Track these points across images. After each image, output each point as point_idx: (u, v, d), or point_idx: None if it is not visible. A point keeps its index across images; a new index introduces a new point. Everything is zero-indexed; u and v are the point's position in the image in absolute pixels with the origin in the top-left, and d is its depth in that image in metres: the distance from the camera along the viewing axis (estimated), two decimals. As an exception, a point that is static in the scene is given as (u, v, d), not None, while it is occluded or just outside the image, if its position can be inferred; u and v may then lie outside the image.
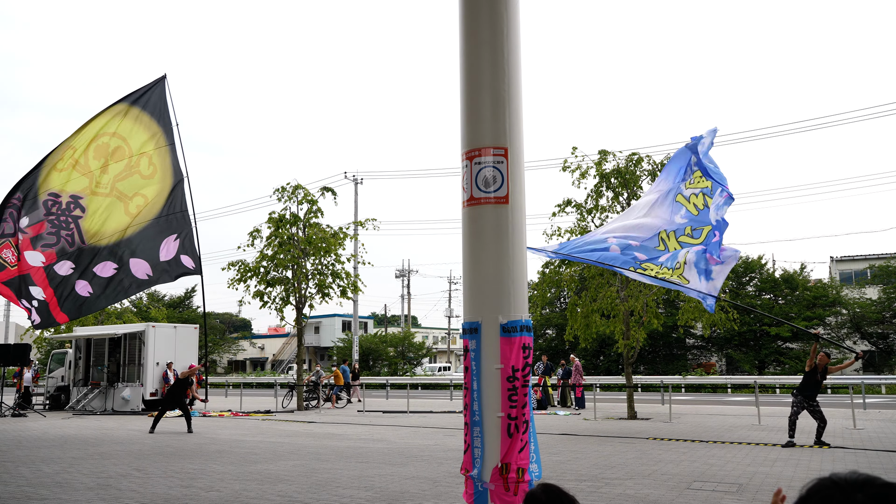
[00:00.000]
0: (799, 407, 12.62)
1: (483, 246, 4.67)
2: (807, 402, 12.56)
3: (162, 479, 9.24)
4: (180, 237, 10.68)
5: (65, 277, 10.43)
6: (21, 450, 12.67)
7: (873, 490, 1.39)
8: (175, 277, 11.07)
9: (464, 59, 4.87)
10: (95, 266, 10.55)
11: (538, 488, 2.31)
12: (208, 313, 62.03)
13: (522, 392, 4.48)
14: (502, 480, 4.41)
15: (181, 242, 10.66)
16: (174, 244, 10.70)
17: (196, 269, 10.69)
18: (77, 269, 10.51)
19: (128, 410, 23.48)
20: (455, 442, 13.44)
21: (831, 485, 1.43)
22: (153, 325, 25.09)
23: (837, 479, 1.43)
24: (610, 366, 42.31)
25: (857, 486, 1.40)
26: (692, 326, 30.71)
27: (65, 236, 10.66)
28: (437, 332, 76.05)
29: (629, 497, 7.76)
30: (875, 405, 23.46)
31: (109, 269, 10.46)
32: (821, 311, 38.27)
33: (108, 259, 10.55)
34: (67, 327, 29.01)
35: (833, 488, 1.42)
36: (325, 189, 24.95)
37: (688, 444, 12.85)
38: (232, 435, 15.52)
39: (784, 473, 9.35)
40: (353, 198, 43.39)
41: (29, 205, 10.66)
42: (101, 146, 10.60)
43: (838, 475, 1.45)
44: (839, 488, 1.41)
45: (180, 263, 10.68)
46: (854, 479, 1.42)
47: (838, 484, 1.42)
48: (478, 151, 4.70)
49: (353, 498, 7.88)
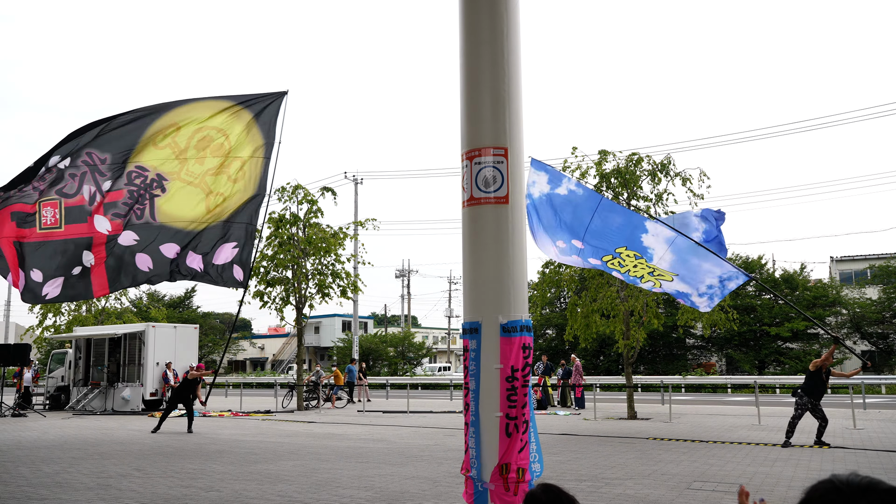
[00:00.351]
0: (803, 410, 12.53)
1: (483, 246, 4.67)
2: (812, 403, 12.52)
3: (162, 479, 9.24)
4: (239, 247, 10.53)
5: (126, 248, 10.16)
6: (21, 450, 12.66)
7: (876, 496, 1.35)
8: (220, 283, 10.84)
9: (464, 59, 4.87)
10: (162, 245, 10.35)
11: (538, 488, 2.32)
12: (208, 313, 62.07)
13: (522, 392, 4.48)
14: (502, 480, 4.41)
15: (238, 252, 10.53)
16: (231, 252, 10.56)
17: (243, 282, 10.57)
18: (141, 242, 10.28)
19: (128, 410, 23.48)
20: (455, 442, 13.44)
21: (833, 489, 1.39)
22: (153, 325, 25.09)
23: (839, 483, 1.39)
24: (610, 366, 42.30)
25: (860, 492, 1.35)
26: (692, 326, 30.70)
27: (136, 209, 10.44)
28: (437, 332, 76.04)
29: (629, 497, 7.76)
30: (875, 405, 23.46)
31: (171, 252, 10.27)
32: (821, 311, 38.26)
33: (174, 242, 10.35)
34: (67, 327, 29.04)
35: (835, 493, 1.38)
36: (325, 189, 24.95)
37: (688, 444, 12.85)
38: (232, 435, 15.52)
39: (784, 473, 9.34)
40: (353, 198, 43.41)
41: (115, 170, 10.32)
42: (204, 138, 10.43)
43: (839, 478, 1.41)
44: (841, 493, 1.37)
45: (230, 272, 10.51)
46: (857, 484, 1.38)
47: (840, 489, 1.38)
48: (478, 151, 4.70)
49: (353, 498, 7.88)
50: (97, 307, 30.17)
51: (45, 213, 10.37)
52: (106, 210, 10.21)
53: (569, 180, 8.62)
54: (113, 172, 10.21)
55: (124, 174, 10.20)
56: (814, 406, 12.48)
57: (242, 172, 10.48)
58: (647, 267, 8.75)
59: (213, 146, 10.36)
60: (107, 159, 10.14)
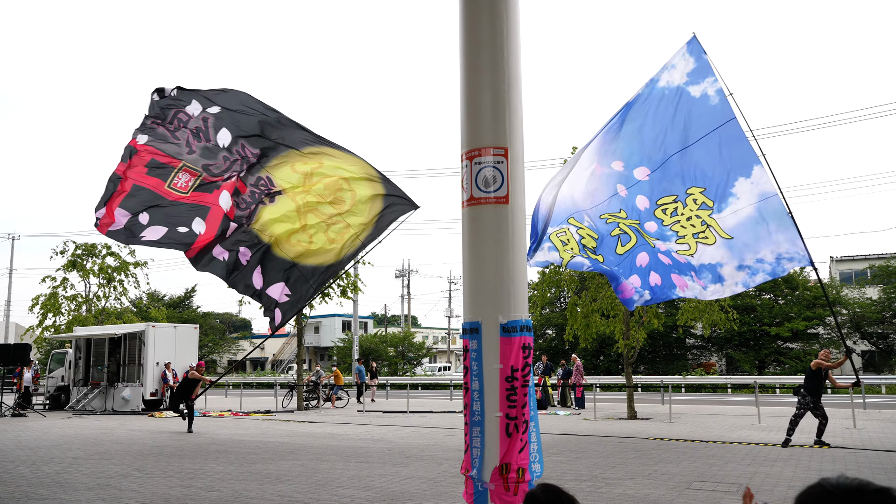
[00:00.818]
0: (806, 408, 12.58)
1: (483, 246, 4.67)
2: (813, 401, 12.54)
3: (162, 479, 9.24)
4: (291, 298, 10.66)
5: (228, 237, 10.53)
6: (21, 450, 12.66)
7: (866, 497, 1.36)
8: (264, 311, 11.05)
9: (464, 59, 4.88)
10: (240, 247, 10.55)
11: (538, 488, 2.32)
12: (208, 313, 62.10)
13: (522, 392, 4.48)
14: (502, 480, 4.42)
15: (289, 301, 10.62)
16: (281, 294, 10.69)
17: (277, 325, 10.68)
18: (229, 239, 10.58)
19: (128, 410, 23.48)
20: (455, 442, 13.44)
21: (825, 493, 1.39)
22: (153, 325, 25.10)
23: (829, 486, 1.40)
24: (610, 366, 42.32)
25: (851, 493, 1.37)
26: (692, 326, 30.74)
27: (244, 209, 10.71)
28: (437, 332, 76.04)
29: (629, 497, 7.77)
30: (875, 405, 23.46)
31: (244, 258, 10.44)
32: (821, 311, 38.26)
33: (249, 248, 10.49)
34: (67, 327, 29.06)
35: (828, 497, 1.38)
36: (325, 189, 24.96)
37: (688, 444, 12.85)
38: (232, 435, 15.52)
39: (784, 473, 9.35)
40: (353, 198, 43.37)
41: (254, 169, 10.56)
42: (338, 189, 10.63)
43: (828, 481, 1.41)
44: (834, 497, 1.38)
45: (273, 311, 10.60)
46: (847, 486, 1.38)
47: (832, 492, 1.38)
48: (478, 151, 4.71)
49: (353, 498, 7.89)
50: (97, 307, 30.20)
51: (180, 177, 10.64)
52: (235, 195, 10.53)
53: (714, 82, 6.96)
54: (250, 169, 10.50)
55: (255, 175, 10.45)
56: (815, 404, 12.52)
57: (338, 238, 10.74)
58: (705, 223, 7.24)
59: (336, 197, 10.62)
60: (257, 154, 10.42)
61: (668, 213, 7.33)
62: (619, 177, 7.26)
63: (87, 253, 30.13)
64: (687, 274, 7.47)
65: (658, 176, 7.18)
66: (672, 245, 7.47)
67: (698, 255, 7.41)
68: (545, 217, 7.34)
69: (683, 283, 7.50)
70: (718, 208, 7.17)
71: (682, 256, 7.45)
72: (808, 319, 38.13)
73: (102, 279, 30.18)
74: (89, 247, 30.27)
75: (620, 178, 7.27)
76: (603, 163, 7.30)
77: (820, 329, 39.95)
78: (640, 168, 7.16)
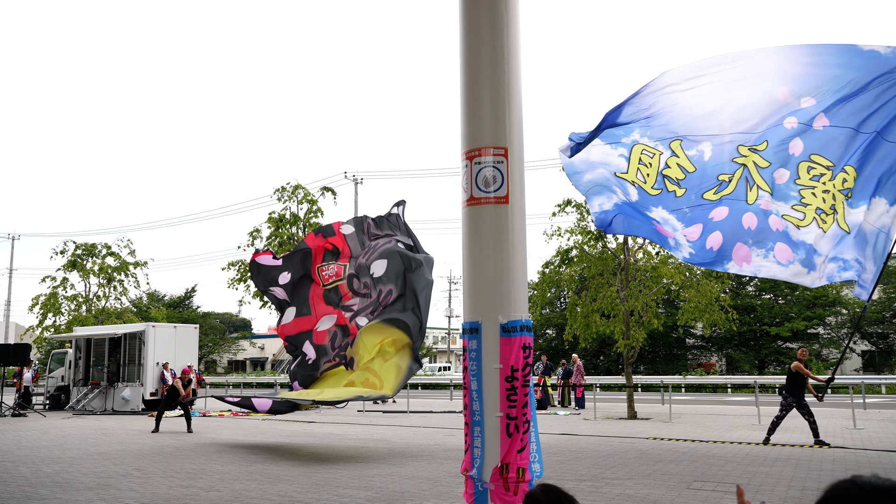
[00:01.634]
0: (787, 409, 12.77)
1: (483, 246, 4.67)
2: (795, 402, 12.71)
3: (162, 479, 9.24)
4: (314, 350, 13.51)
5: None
6: (21, 450, 12.67)
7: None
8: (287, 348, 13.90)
9: (464, 59, 4.88)
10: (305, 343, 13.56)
11: (537, 488, 2.31)
12: (208, 313, 62.08)
13: (522, 392, 4.48)
14: (502, 480, 4.41)
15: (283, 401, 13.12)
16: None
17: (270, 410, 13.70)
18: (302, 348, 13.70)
19: (128, 410, 23.48)
20: (455, 442, 13.44)
21: (855, 488, 1.38)
22: (153, 325, 25.09)
23: (861, 483, 1.38)
24: (610, 366, 42.32)
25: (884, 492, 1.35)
26: (692, 326, 30.74)
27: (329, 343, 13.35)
28: (437, 332, 76.01)
29: (629, 497, 7.76)
30: (875, 405, 23.45)
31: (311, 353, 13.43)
32: (821, 311, 38.28)
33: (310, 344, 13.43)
34: (67, 327, 29.07)
35: (857, 492, 1.37)
36: (325, 189, 24.98)
37: (688, 444, 12.85)
38: (232, 435, 15.52)
39: (784, 473, 9.35)
40: (353, 198, 43.44)
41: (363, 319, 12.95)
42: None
43: (861, 478, 1.40)
44: (864, 492, 1.36)
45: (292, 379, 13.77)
46: (880, 485, 1.36)
47: (863, 488, 1.36)
48: (478, 151, 4.71)
49: (353, 498, 7.89)
50: (97, 307, 30.20)
51: (331, 268, 13.36)
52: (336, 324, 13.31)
53: None
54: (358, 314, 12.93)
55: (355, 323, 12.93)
56: (798, 404, 12.63)
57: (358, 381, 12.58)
58: (834, 207, 6.60)
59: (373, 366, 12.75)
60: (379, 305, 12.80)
61: (809, 174, 6.68)
62: (800, 113, 6.60)
63: (87, 253, 30.13)
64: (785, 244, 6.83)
65: (833, 134, 6.55)
66: (783, 207, 6.78)
67: (804, 232, 6.80)
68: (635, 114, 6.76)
69: (787, 252, 6.79)
70: (854, 203, 6.67)
71: (784, 223, 6.80)
72: (808, 319, 38.13)
73: (102, 279, 30.19)
74: (89, 247, 30.28)
75: (800, 115, 6.60)
76: (794, 91, 6.55)
77: (820, 329, 39.95)
78: (821, 116, 6.53)
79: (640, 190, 6.99)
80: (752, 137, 6.68)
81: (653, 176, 6.91)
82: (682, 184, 6.86)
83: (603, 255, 19.58)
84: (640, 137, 6.88)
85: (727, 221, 6.85)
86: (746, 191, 6.78)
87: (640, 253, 19.92)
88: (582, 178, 7.24)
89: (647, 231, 7.21)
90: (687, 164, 6.83)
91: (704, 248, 6.92)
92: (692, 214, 6.90)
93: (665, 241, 7.06)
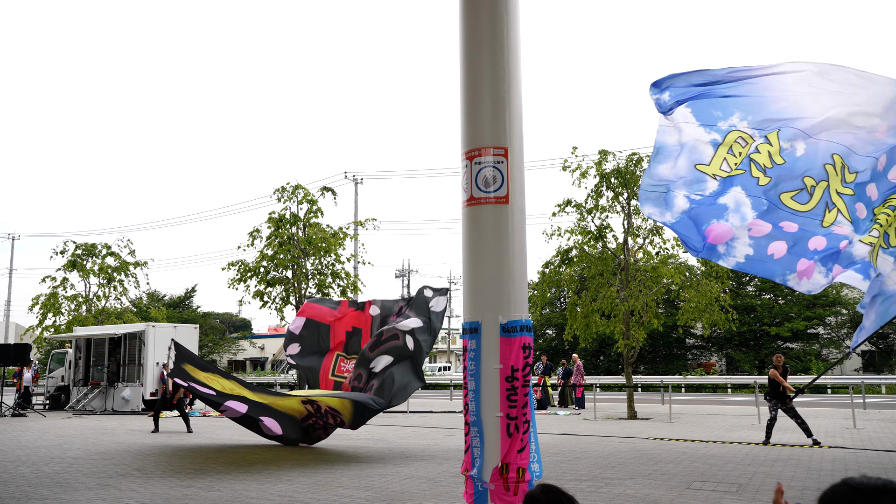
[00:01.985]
0: (775, 411, 12.92)
1: (483, 246, 4.67)
2: (779, 405, 12.84)
3: (162, 479, 9.24)
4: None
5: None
6: (21, 450, 12.66)
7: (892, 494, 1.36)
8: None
9: (464, 59, 4.87)
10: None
11: (537, 489, 2.31)
12: (208, 313, 62.05)
13: (522, 392, 4.48)
14: (502, 480, 4.41)
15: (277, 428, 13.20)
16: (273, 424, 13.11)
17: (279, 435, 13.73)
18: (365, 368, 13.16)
19: (128, 410, 23.48)
20: (455, 442, 13.44)
21: (851, 490, 1.38)
22: (153, 325, 25.08)
23: (855, 485, 1.39)
24: (610, 366, 42.32)
25: (881, 492, 1.36)
26: (692, 326, 30.72)
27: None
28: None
29: (629, 497, 7.76)
30: (875, 405, 23.45)
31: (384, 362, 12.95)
32: (821, 311, 38.27)
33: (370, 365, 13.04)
34: (67, 327, 29.06)
35: (854, 494, 1.38)
36: (325, 189, 24.98)
37: (688, 444, 12.85)
38: (232, 435, 15.51)
39: (784, 473, 9.35)
40: (353, 198, 43.47)
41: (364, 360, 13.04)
42: None
43: (853, 480, 1.41)
44: (860, 493, 1.37)
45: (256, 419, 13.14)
46: (874, 485, 1.37)
47: (858, 489, 1.38)
48: (478, 151, 4.70)
49: (353, 498, 7.88)
50: (97, 307, 30.20)
51: (346, 364, 13.46)
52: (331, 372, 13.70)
53: None
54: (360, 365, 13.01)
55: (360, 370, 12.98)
56: (783, 407, 12.71)
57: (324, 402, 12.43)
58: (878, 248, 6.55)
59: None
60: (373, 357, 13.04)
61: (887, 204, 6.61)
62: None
63: (87, 253, 30.12)
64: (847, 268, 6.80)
65: None
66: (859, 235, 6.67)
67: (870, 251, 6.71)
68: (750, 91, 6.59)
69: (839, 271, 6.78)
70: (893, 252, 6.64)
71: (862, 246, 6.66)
72: (808, 319, 38.12)
73: (102, 279, 30.18)
74: (89, 247, 30.27)
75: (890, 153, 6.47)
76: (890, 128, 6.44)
77: (820, 329, 39.94)
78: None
79: (720, 180, 6.78)
80: (850, 155, 6.62)
81: (740, 159, 6.78)
82: (767, 172, 6.72)
83: (603, 255, 19.58)
84: (739, 122, 6.73)
85: (795, 236, 6.77)
86: (824, 212, 6.68)
87: (640, 253, 19.93)
88: (657, 168, 6.89)
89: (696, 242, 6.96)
90: (777, 157, 6.70)
91: (765, 252, 6.81)
92: (768, 209, 6.76)
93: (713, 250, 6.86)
